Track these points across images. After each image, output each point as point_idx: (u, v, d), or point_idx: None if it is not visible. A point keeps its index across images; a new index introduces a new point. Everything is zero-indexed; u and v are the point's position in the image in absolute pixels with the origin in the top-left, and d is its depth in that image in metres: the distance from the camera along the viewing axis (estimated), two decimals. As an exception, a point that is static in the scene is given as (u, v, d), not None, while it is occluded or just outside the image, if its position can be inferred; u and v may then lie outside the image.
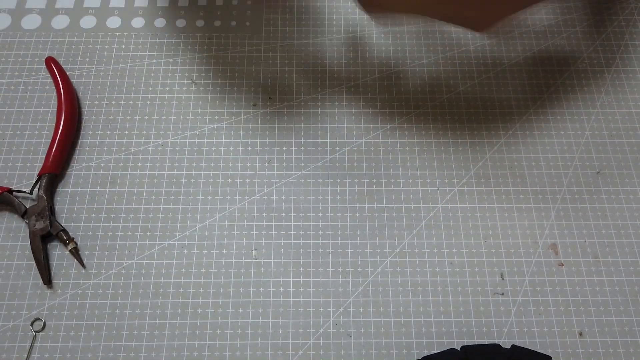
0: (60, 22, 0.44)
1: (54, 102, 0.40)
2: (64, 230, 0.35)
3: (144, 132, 0.39)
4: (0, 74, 0.41)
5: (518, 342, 0.33)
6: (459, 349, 0.32)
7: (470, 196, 0.37)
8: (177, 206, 0.37)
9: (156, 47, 0.43)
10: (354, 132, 0.39)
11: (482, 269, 0.35)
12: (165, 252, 0.35)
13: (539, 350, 0.33)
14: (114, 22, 0.44)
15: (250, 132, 0.39)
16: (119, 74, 0.41)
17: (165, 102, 0.40)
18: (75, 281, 0.34)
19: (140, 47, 0.43)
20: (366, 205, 0.37)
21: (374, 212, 0.37)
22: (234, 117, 0.40)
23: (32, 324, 0.33)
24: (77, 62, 0.42)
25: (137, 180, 0.37)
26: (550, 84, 0.42)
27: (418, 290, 0.34)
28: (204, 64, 0.42)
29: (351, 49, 0.43)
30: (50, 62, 0.41)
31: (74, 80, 0.41)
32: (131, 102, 0.40)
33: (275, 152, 0.39)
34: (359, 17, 0.44)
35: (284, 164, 0.38)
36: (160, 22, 0.44)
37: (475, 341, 0.33)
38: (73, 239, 0.35)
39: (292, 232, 0.36)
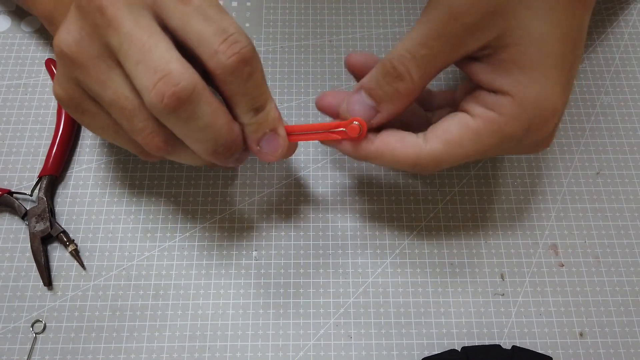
0: (60, 23, 0.44)
1: (54, 103, 0.40)
2: (64, 231, 0.35)
3: (144, 134, 0.39)
4: (0, 76, 0.41)
5: (518, 343, 0.33)
6: (459, 350, 0.32)
7: (470, 196, 0.37)
8: (177, 207, 0.37)
9: (156, 48, 0.43)
10: (354, 133, 0.39)
11: (482, 269, 0.35)
12: (166, 253, 0.35)
13: (539, 351, 0.33)
14: (113, 23, 0.44)
15: (250, 133, 0.39)
16: (118, 75, 0.41)
17: (165, 104, 0.40)
18: (75, 283, 0.34)
19: (140, 48, 0.43)
20: (366, 206, 0.37)
21: (374, 213, 0.37)
22: (233, 118, 0.40)
23: (32, 326, 0.33)
24: (77, 63, 0.42)
25: (137, 182, 0.37)
26: (549, 84, 0.42)
27: (418, 291, 0.34)
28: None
29: (351, 50, 0.43)
30: (50, 63, 0.41)
31: (73, 82, 0.41)
32: (131, 104, 0.40)
33: (275, 153, 0.39)
34: (358, 17, 0.44)
35: (284, 164, 0.38)
36: (160, 24, 0.44)
37: (476, 342, 0.33)
38: (73, 240, 0.35)
39: (292, 233, 0.36)
